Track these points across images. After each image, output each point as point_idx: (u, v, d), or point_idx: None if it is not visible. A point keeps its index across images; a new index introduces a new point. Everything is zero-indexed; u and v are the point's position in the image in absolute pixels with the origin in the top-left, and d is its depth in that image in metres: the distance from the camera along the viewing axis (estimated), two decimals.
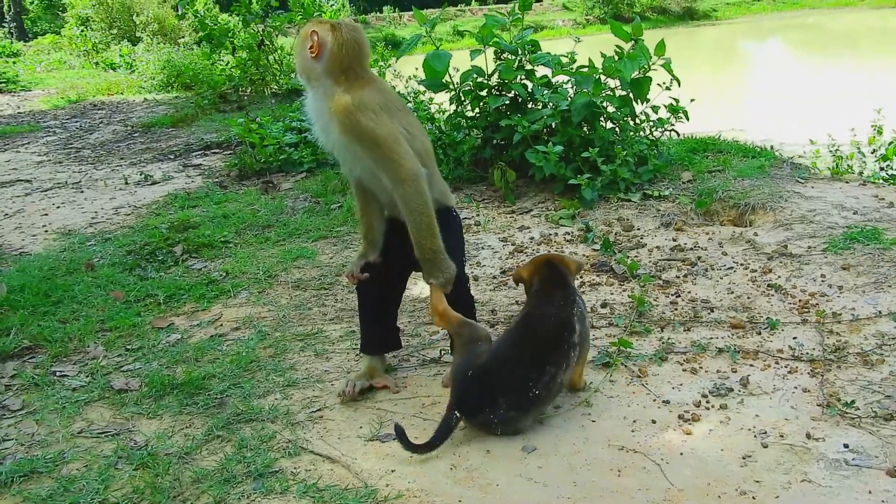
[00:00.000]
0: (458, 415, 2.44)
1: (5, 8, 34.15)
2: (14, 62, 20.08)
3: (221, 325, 3.53)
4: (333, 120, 2.49)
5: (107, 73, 17.96)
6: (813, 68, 18.59)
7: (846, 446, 2.31)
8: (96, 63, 19.78)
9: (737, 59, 23.61)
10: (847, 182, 4.77)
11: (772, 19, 36.57)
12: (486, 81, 5.25)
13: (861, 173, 5.90)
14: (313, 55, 2.54)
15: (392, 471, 2.35)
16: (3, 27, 32.57)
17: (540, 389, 2.43)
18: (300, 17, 10.42)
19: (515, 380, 2.43)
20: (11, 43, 24.84)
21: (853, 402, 2.51)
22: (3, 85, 15.96)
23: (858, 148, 6.16)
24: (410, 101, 6.80)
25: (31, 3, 37.56)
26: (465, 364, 2.49)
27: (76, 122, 10.71)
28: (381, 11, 39.37)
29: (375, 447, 2.49)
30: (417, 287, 3.64)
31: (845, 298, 3.26)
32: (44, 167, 7.62)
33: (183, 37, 19.55)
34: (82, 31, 22.12)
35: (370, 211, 2.79)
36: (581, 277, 3.66)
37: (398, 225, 2.69)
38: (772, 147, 5.94)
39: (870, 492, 2.11)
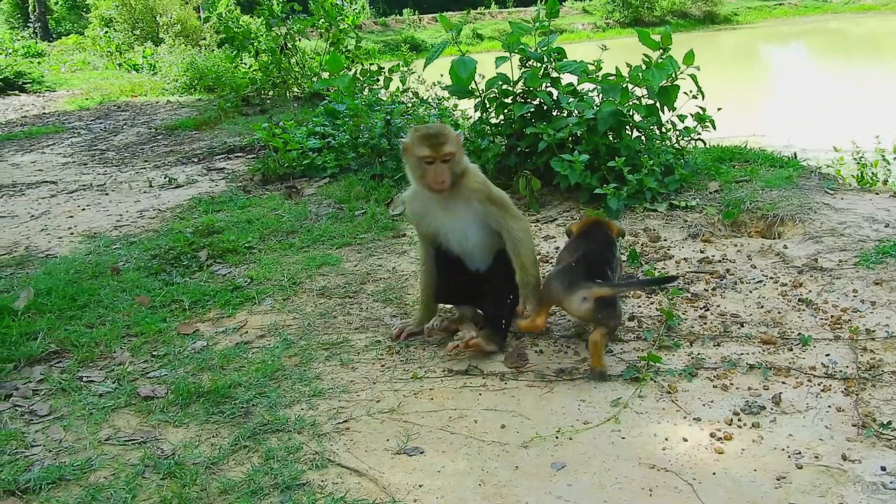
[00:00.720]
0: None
1: (30, 8, 34.56)
2: (39, 62, 20.31)
3: (247, 332, 3.53)
4: (476, 194, 3.10)
5: (130, 74, 18.14)
6: (835, 73, 18.44)
7: (883, 469, 2.26)
8: (119, 64, 19.97)
9: (758, 64, 23.46)
10: (877, 193, 4.70)
11: (793, 24, 36.31)
12: (511, 89, 5.22)
13: (886, 182, 5.84)
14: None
15: (420, 485, 2.33)
16: (28, 27, 32.98)
17: (611, 272, 3.04)
18: (322, 20, 10.44)
19: (600, 262, 3.04)
20: (36, 43, 25.13)
21: (889, 423, 2.46)
22: (29, 85, 16.15)
23: (883, 155, 6.08)
24: (435, 107, 6.79)
25: (56, 3, 37.99)
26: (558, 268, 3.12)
27: (100, 123, 10.81)
28: (401, 14, 39.47)
29: (403, 460, 2.47)
30: None
31: (879, 314, 3.20)
32: (69, 168, 7.69)
33: (204, 38, 19.70)
34: (106, 32, 22.33)
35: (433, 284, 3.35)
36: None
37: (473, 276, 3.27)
38: (795, 154, 5.88)
39: None
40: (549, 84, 5.19)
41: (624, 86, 4.94)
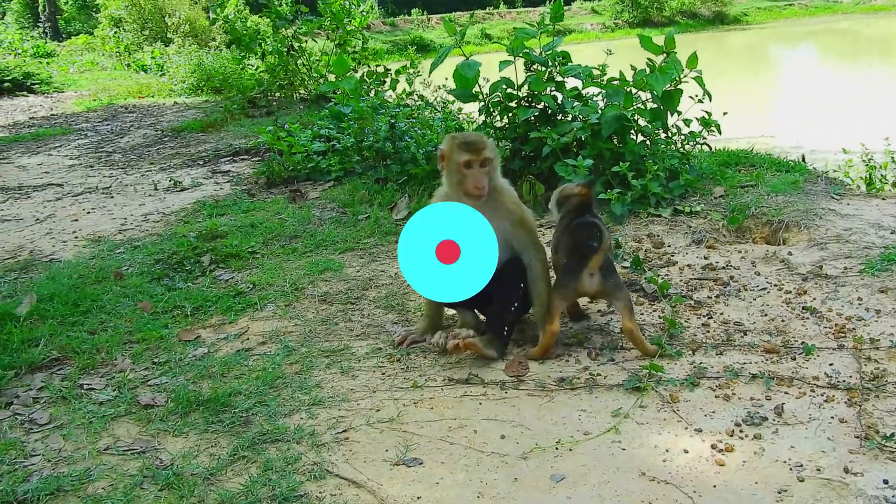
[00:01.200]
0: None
1: (40, 8, 34.72)
2: (48, 62, 20.38)
3: (248, 338, 3.53)
4: (510, 214, 3.18)
5: (138, 75, 18.19)
6: (845, 73, 18.33)
7: (886, 482, 2.23)
8: (128, 65, 20.03)
9: (767, 65, 23.34)
10: (884, 199, 4.66)
11: (803, 24, 36.14)
12: (515, 93, 5.20)
13: (895, 184, 5.78)
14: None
15: (418, 497, 2.32)
16: (38, 27, 33.13)
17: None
18: (329, 22, 10.44)
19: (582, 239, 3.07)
20: (46, 43, 25.22)
21: (893, 434, 2.43)
22: (37, 86, 16.18)
23: (893, 157, 6.03)
24: (439, 111, 6.77)
25: (66, 3, 38.16)
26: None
27: (107, 125, 10.83)
28: (410, 14, 39.49)
29: (401, 471, 2.46)
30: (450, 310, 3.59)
31: (883, 323, 3.17)
32: (75, 171, 7.71)
33: (213, 39, 19.74)
34: (115, 32, 22.40)
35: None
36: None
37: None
38: (803, 157, 5.84)
39: None
40: (553, 88, 5.16)
41: (628, 90, 4.91)
